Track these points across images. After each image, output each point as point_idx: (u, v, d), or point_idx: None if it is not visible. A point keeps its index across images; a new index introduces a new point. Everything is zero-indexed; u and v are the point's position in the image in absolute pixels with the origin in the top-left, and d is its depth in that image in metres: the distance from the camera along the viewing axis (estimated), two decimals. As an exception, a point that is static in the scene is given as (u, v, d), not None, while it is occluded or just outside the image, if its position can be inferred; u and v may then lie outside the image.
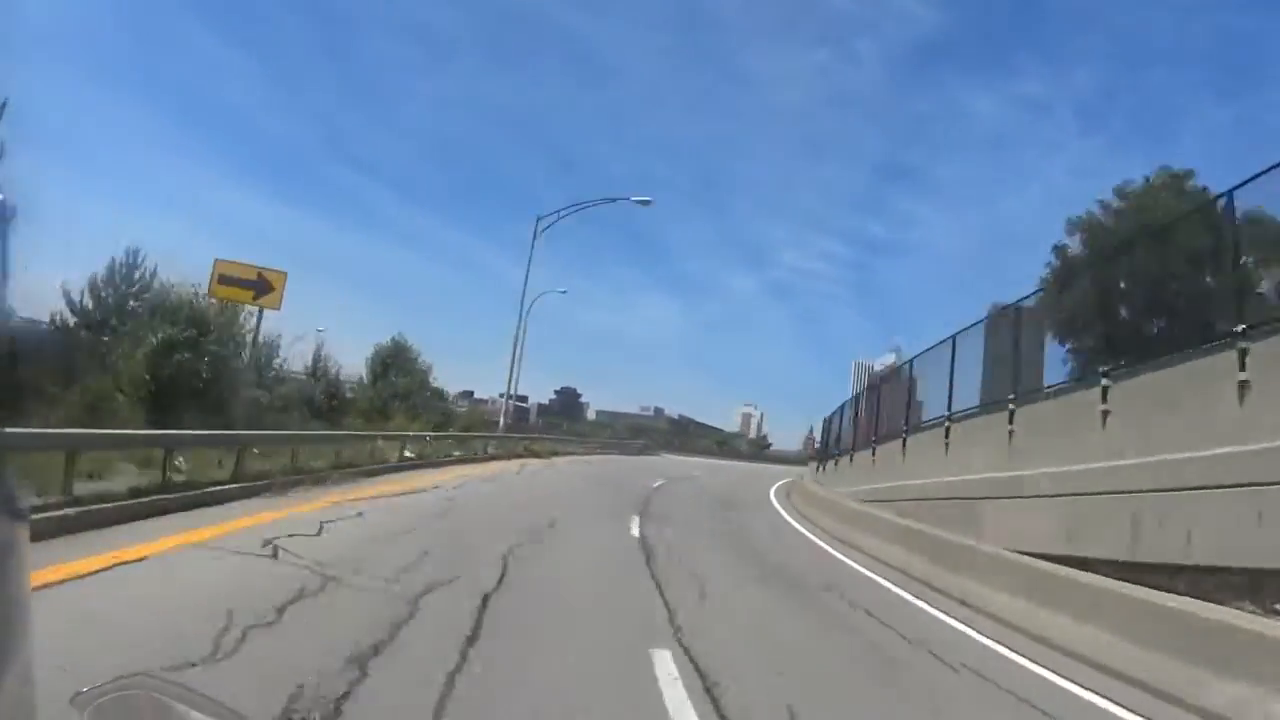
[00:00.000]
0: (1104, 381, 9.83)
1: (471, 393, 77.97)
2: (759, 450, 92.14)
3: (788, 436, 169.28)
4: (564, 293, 55.45)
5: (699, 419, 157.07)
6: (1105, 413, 9.70)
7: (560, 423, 72.04)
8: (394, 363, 28.21)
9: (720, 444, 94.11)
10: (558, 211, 31.56)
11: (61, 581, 4.87)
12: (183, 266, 15.18)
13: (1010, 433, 12.13)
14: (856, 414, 21.64)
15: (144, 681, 1.49)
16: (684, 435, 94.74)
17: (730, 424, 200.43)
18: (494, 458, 24.36)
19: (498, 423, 30.58)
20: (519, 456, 26.78)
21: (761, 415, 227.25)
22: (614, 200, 31.48)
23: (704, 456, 62.38)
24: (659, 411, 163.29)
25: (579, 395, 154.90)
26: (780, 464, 72.38)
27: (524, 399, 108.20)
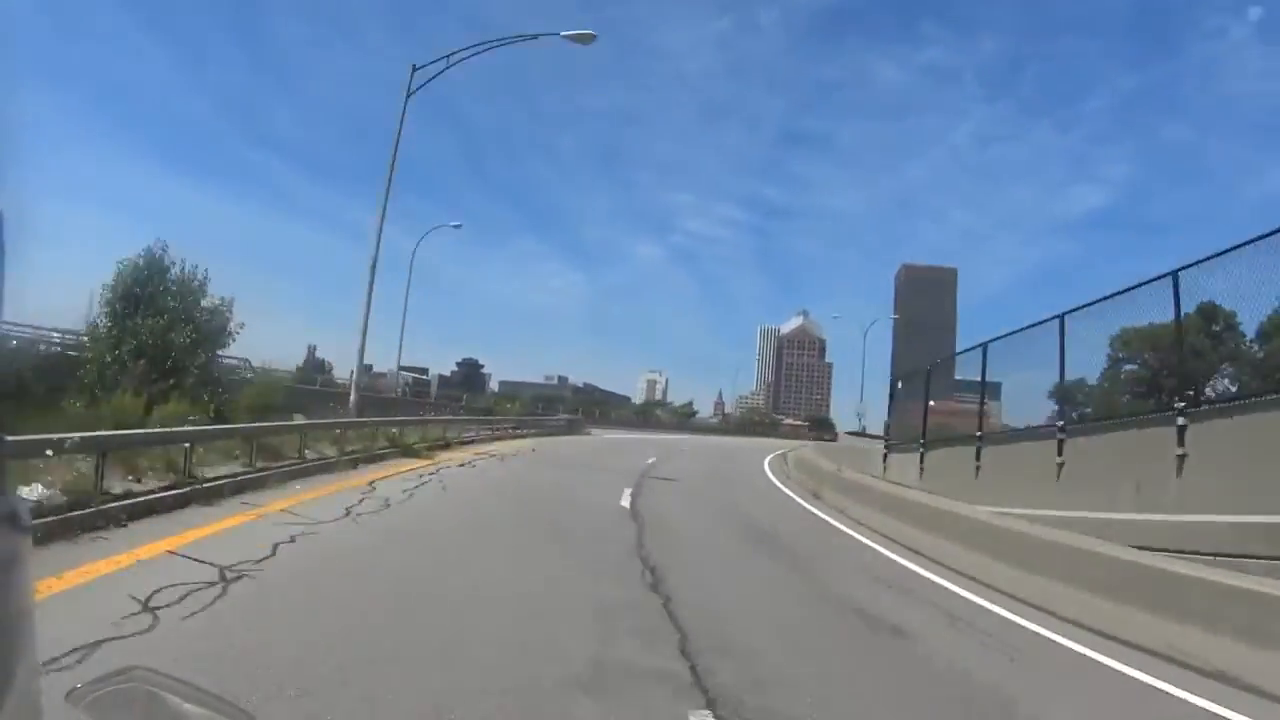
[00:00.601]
0: None
1: (370, 366, 63.98)
2: (683, 420, 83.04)
3: (694, 401, 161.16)
4: (458, 226, 43.08)
5: (604, 386, 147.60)
6: None
7: (459, 395, 59.40)
8: (147, 294, 15.61)
9: (641, 415, 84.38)
10: (446, 55, 19.44)
11: None
12: None
13: None
14: (1061, 365, 11.13)
15: (139, 674, 1.35)
16: (601, 405, 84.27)
17: (635, 391, 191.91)
18: (326, 467, 12.49)
19: (350, 398, 18.26)
20: (378, 459, 14.95)
21: (666, 381, 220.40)
22: (534, 37, 19.63)
23: (630, 430, 53.14)
24: (563, 380, 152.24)
25: (481, 366, 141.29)
26: (711, 434, 63.80)
27: (424, 371, 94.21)
